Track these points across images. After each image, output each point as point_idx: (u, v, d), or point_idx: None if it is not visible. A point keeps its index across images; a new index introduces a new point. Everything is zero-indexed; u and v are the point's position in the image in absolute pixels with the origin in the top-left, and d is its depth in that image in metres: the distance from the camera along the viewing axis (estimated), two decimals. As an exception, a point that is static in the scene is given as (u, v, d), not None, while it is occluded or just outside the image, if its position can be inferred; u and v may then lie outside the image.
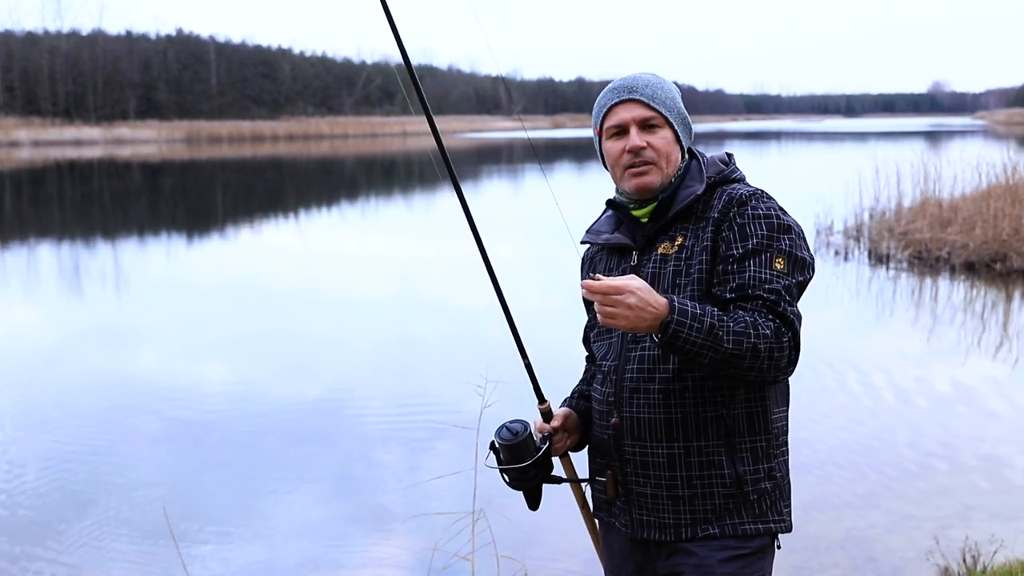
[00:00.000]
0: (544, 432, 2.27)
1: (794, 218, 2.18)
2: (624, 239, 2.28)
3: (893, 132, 77.92)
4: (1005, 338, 10.16)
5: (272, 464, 6.65)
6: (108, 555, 5.27)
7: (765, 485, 2.17)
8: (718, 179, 2.23)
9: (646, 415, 2.17)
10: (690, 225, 2.20)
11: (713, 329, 1.98)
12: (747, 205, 2.14)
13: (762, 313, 2.04)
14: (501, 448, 2.20)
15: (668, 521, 2.18)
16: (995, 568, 4.54)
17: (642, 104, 2.21)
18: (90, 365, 9.45)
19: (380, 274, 14.82)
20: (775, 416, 2.20)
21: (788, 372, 2.09)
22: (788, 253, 2.10)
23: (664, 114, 2.21)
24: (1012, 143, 22.92)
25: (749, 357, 2.00)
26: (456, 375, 8.17)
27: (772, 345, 2.01)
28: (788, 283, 2.08)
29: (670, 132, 2.23)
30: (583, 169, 35.29)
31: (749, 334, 2.00)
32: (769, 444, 2.18)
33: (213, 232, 21.61)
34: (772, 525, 2.18)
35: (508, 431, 2.21)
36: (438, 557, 4.47)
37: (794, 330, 2.05)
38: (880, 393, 7.98)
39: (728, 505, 2.15)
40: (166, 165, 46.27)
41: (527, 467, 2.20)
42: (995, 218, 13.81)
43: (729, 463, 2.14)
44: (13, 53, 76.02)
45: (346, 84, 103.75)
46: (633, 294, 1.95)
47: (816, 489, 5.94)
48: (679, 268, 2.17)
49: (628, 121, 2.21)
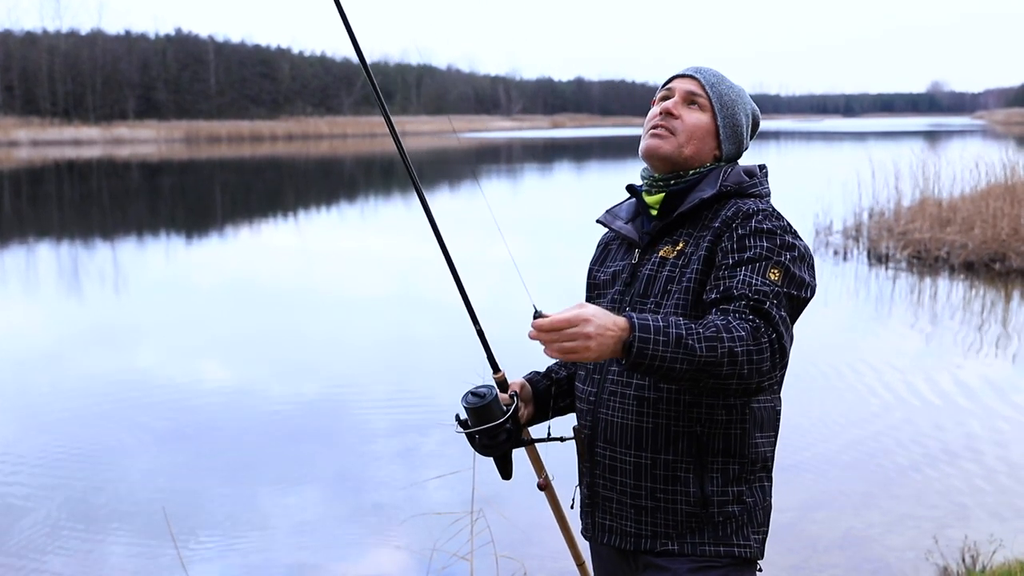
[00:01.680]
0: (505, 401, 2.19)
1: (804, 243, 2.08)
2: (632, 233, 2.23)
3: (892, 132, 77.98)
4: (1004, 337, 10.16)
5: (271, 463, 6.65)
6: (108, 555, 5.26)
7: (732, 508, 2.09)
8: (733, 189, 2.15)
9: (619, 420, 2.12)
10: (694, 231, 2.14)
11: (681, 339, 1.84)
12: (752, 219, 2.06)
13: (742, 314, 1.91)
14: (468, 412, 2.13)
15: (629, 529, 2.14)
16: (994, 568, 4.54)
17: (697, 82, 2.22)
18: (89, 365, 9.44)
19: (379, 273, 14.82)
20: (756, 441, 2.12)
21: (771, 377, 1.93)
22: (785, 267, 1.99)
23: (712, 100, 2.20)
24: (1011, 143, 22.93)
25: (727, 363, 1.85)
26: (455, 374, 8.13)
27: (750, 347, 1.86)
28: (779, 291, 1.96)
29: (710, 120, 2.20)
30: (582, 169, 35.27)
31: (722, 338, 1.85)
32: (743, 468, 2.11)
33: (212, 232, 21.60)
34: (735, 549, 2.09)
35: (473, 395, 2.12)
36: (437, 557, 4.47)
37: (778, 331, 1.90)
38: (879, 393, 7.98)
39: (691, 523, 2.09)
40: (165, 165, 46.25)
41: (496, 427, 2.11)
42: (994, 218, 13.82)
43: (696, 481, 2.07)
44: (12, 53, 76.00)
45: (345, 84, 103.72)
46: (588, 321, 1.81)
47: (815, 489, 5.95)
48: (673, 275, 2.10)
49: (677, 90, 2.23)
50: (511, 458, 2.24)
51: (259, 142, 71.09)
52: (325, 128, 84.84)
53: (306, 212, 25.64)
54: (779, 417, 2.19)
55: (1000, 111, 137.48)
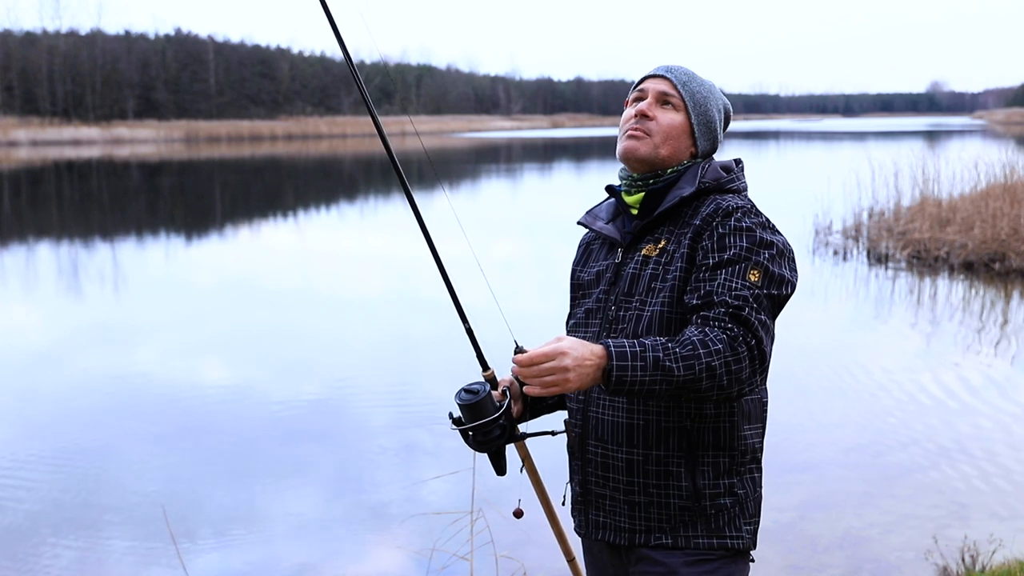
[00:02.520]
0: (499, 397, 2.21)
1: (783, 236, 2.13)
2: (614, 233, 2.26)
3: (892, 132, 77.98)
4: (1003, 337, 10.16)
5: (271, 463, 6.65)
6: (108, 555, 5.26)
7: (724, 501, 2.13)
8: (712, 186, 2.18)
9: (610, 417, 2.15)
10: (675, 229, 2.17)
11: (659, 361, 1.90)
12: (731, 217, 2.09)
13: (720, 322, 1.96)
14: (462, 409, 2.14)
15: (624, 525, 2.17)
16: (994, 567, 4.54)
17: (669, 82, 2.23)
18: (89, 364, 9.44)
19: (378, 273, 14.82)
20: (745, 433, 2.15)
21: (752, 383, 1.99)
22: (764, 267, 2.03)
23: (685, 100, 2.21)
24: (1011, 143, 22.92)
25: (705, 378, 1.92)
26: (455, 374, 8.15)
27: (728, 359, 1.92)
28: (758, 293, 2.00)
29: (684, 119, 2.22)
30: (581, 169, 35.28)
31: (699, 355, 1.91)
32: (733, 460, 2.14)
33: (212, 231, 21.59)
34: (728, 541, 2.13)
35: (466, 392, 2.15)
36: (437, 557, 4.47)
37: (757, 337, 1.96)
38: (878, 393, 7.99)
39: (684, 517, 2.12)
40: (164, 165, 46.25)
41: (489, 423, 2.13)
42: (994, 218, 13.82)
43: (688, 475, 2.11)
44: (11, 53, 75.96)
45: (345, 84, 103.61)
46: (565, 355, 1.88)
47: (815, 488, 5.95)
48: (656, 272, 2.14)
49: (650, 91, 2.24)
50: (504, 454, 2.26)
51: (258, 142, 71.08)
52: (324, 128, 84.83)
53: (305, 212, 25.64)
54: (766, 408, 2.23)
55: (1000, 111, 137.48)
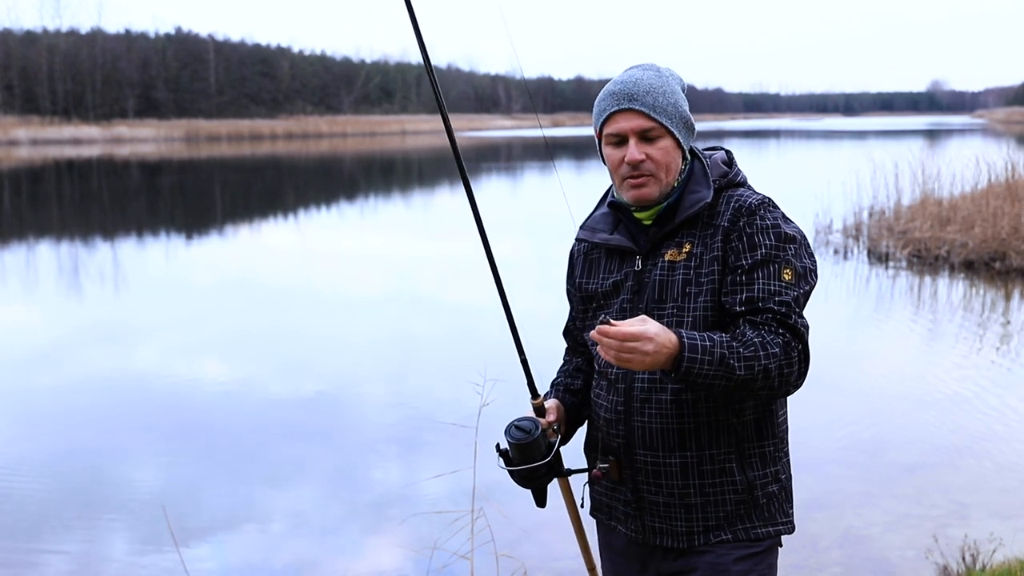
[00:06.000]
0: (550, 427, 2.23)
1: (797, 226, 2.19)
2: (626, 242, 2.24)
3: (892, 131, 77.94)
4: (1004, 336, 10.16)
5: (271, 462, 6.65)
6: (108, 554, 5.26)
7: (772, 488, 2.20)
8: (723, 184, 2.21)
9: (658, 425, 2.16)
10: (697, 232, 2.17)
11: (724, 359, 1.99)
12: (756, 215, 2.13)
13: (772, 328, 2.05)
14: (512, 447, 2.15)
15: (681, 529, 2.18)
16: (994, 567, 4.54)
17: (642, 115, 2.14)
18: (89, 364, 9.44)
19: (379, 272, 14.81)
20: (780, 419, 2.24)
21: (798, 385, 2.10)
22: (794, 265, 2.11)
23: (664, 123, 2.15)
24: (1011, 142, 22.92)
25: (760, 379, 2.02)
26: (455, 373, 8.17)
27: (782, 363, 2.03)
28: (796, 294, 2.09)
29: (670, 141, 2.18)
30: (582, 168, 35.28)
31: (759, 356, 2.00)
32: (776, 448, 2.22)
33: (212, 231, 21.59)
34: (781, 527, 2.22)
35: (519, 430, 2.16)
36: (437, 556, 4.47)
37: (804, 342, 2.07)
38: (879, 391, 7.98)
39: (739, 511, 2.17)
40: (165, 164, 46.24)
41: (540, 466, 2.16)
42: (994, 217, 13.81)
43: (740, 469, 2.16)
44: (12, 52, 75.92)
45: (345, 83, 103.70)
46: (651, 341, 1.94)
47: (815, 488, 5.94)
48: (688, 277, 2.14)
49: (627, 131, 2.15)
50: (547, 488, 2.28)
51: (259, 141, 71.06)
52: (325, 127, 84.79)
53: (306, 211, 25.64)
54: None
55: (1000, 110, 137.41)
